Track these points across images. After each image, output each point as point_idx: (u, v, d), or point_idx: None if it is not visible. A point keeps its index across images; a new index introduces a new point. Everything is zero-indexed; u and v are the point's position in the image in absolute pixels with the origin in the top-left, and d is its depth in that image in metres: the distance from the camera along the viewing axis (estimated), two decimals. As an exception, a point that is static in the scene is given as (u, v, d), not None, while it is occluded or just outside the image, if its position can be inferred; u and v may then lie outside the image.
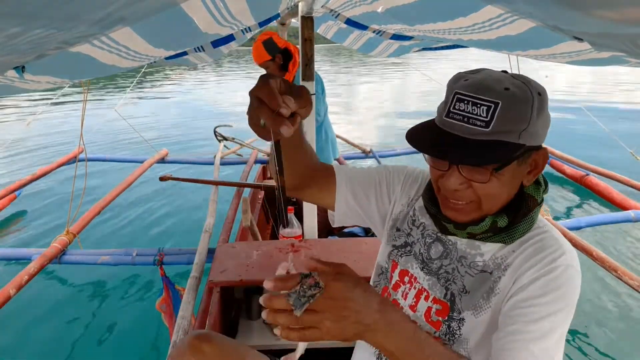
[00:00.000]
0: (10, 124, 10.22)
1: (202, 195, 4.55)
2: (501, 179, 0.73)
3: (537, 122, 0.71)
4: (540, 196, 0.80)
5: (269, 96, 0.59)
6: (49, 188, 5.03)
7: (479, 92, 0.70)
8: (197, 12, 1.01)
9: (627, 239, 3.53)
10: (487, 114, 0.69)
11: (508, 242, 0.79)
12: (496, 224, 0.77)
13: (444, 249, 0.86)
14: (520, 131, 0.70)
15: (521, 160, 0.74)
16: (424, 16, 1.20)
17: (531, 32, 0.93)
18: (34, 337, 2.50)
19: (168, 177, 2.78)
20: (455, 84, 0.74)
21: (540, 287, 0.72)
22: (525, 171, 0.77)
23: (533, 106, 0.70)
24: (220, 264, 1.74)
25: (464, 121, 0.71)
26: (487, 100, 0.69)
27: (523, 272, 0.75)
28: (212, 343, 1.07)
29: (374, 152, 4.63)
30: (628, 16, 0.44)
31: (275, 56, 2.62)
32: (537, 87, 0.73)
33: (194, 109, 12.18)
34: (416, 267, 0.90)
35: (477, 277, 0.81)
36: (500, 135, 0.69)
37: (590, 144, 6.34)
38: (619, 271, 2.09)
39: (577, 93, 12.18)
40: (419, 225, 0.92)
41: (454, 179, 0.74)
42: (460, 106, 0.71)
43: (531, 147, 0.73)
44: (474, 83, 0.71)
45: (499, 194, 0.75)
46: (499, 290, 0.78)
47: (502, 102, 0.68)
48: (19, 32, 0.33)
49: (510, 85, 0.70)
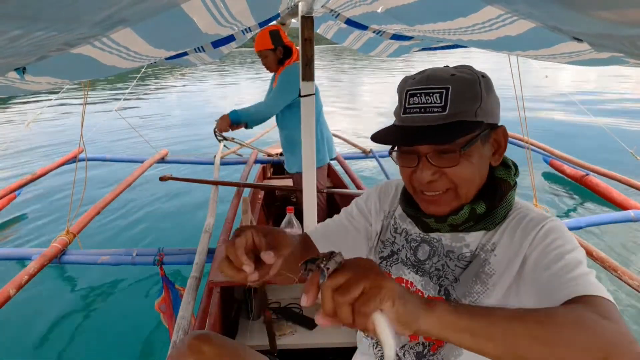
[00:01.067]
0: (11, 124, 10.22)
1: (202, 195, 4.55)
2: (470, 159, 0.76)
3: (488, 100, 0.77)
4: (512, 179, 0.82)
5: (234, 257, 0.64)
6: (49, 188, 5.04)
7: (429, 83, 0.75)
8: (198, 12, 1.01)
9: (627, 238, 3.53)
10: (441, 99, 0.74)
11: (490, 228, 0.80)
12: (475, 211, 0.79)
13: (431, 248, 0.87)
14: (475, 109, 0.75)
15: (484, 139, 0.78)
16: (424, 16, 1.20)
17: (531, 33, 0.93)
18: (34, 337, 2.50)
19: (168, 177, 2.78)
20: (405, 84, 0.79)
21: (545, 238, 0.74)
22: (490, 152, 0.80)
23: (480, 85, 0.76)
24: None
25: (422, 112, 0.75)
26: (438, 87, 0.74)
27: (519, 242, 0.76)
28: (212, 343, 1.07)
29: (374, 152, 4.64)
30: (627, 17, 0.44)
31: (277, 47, 2.62)
32: (479, 72, 0.79)
33: (194, 109, 12.19)
34: (409, 272, 0.90)
35: (467, 266, 0.82)
36: (458, 116, 0.74)
37: (590, 144, 6.34)
38: (619, 271, 2.09)
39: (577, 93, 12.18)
40: (401, 231, 0.93)
41: (425, 170, 0.77)
42: (414, 100, 0.76)
43: (490, 125, 0.78)
44: (422, 78, 0.77)
45: (472, 176, 0.78)
46: (493, 271, 0.78)
47: (452, 85, 0.74)
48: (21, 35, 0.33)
49: (455, 72, 0.76)
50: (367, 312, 0.50)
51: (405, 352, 0.88)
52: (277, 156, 4.16)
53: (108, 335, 2.50)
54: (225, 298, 1.80)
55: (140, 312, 2.66)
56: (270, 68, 2.70)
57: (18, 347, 2.43)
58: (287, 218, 1.89)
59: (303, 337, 1.73)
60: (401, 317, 0.52)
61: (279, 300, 1.94)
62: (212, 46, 1.69)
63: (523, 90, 2.82)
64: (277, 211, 3.66)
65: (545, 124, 8.03)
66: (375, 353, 0.93)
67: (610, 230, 3.59)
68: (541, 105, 9.89)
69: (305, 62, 1.89)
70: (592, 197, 4.13)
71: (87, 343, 2.46)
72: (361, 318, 0.51)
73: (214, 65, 32.44)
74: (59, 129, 9.00)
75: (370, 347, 0.95)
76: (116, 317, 2.67)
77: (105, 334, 2.52)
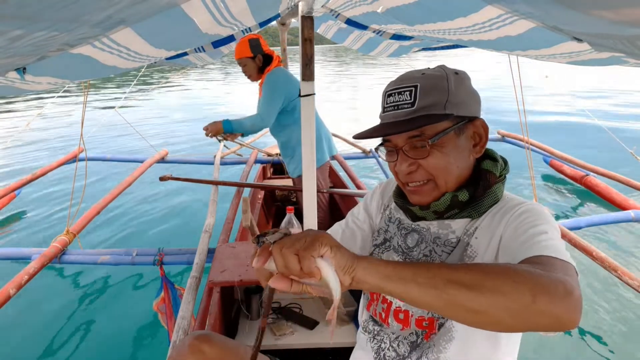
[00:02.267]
0: (11, 124, 10.22)
1: (202, 195, 4.55)
2: (441, 150, 0.81)
3: (458, 93, 0.81)
4: (498, 171, 0.86)
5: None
6: (49, 188, 5.04)
7: (402, 83, 0.83)
8: (198, 12, 1.01)
9: (627, 239, 3.53)
10: (410, 97, 0.81)
11: (475, 216, 0.84)
12: (457, 198, 0.83)
13: (419, 236, 0.91)
14: (444, 102, 0.80)
15: (459, 131, 0.82)
16: (424, 16, 1.20)
17: (531, 33, 0.93)
18: (34, 337, 2.51)
19: (168, 177, 2.78)
20: (386, 87, 0.87)
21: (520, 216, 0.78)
22: (469, 145, 0.85)
23: (449, 80, 0.81)
24: (220, 264, 1.74)
25: (395, 109, 0.83)
26: (408, 85, 0.82)
27: (497, 223, 0.80)
28: (212, 343, 1.07)
29: (374, 152, 4.63)
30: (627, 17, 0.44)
31: (257, 55, 2.63)
32: (453, 70, 0.85)
33: (194, 108, 12.19)
34: (398, 258, 0.93)
35: (452, 251, 0.85)
36: (425, 109, 0.80)
37: (591, 144, 6.34)
38: (619, 271, 2.09)
39: (577, 93, 12.18)
40: (394, 220, 0.98)
41: (403, 162, 0.84)
42: (390, 100, 0.84)
43: (463, 117, 0.82)
44: (397, 79, 0.85)
45: (446, 166, 0.82)
46: (475, 253, 0.82)
47: (420, 83, 0.81)
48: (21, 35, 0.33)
49: (426, 71, 0.83)
50: (309, 256, 0.59)
51: (399, 342, 0.90)
52: (277, 156, 4.16)
53: (108, 336, 2.50)
54: (225, 298, 1.80)
55: (140, 312, 2.66)
56: (251, 76, 2.72)
57: (18, 347, 2.43)
58: (287, 218, 1.89)
59: (303, 337, 1.73)
60: (340, 262, 0.60)
61: (279, 300, 1.94)
62: (212, 46, 1.69)
63: (523, 90, 2.82)
64: (277, 211, 3.66)
65: (545, 124, 8.04)
66: (372, 347, 0.94)
67: (610, 230, 3.59)
68: (541, 106, 9.89)
69: (305, 62, 1.89)
70: (592, 198, 4.13)
71: (86, 343, 2.46)
72: (306, 262, 0.59)
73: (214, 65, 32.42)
74: (59, 128, 9.00)
75: (368, 342, 0.96)
76: (116, 317, 2.67)
77: (105, 334, 2.52)
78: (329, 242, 0.61)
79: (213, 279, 1.63)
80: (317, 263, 0.60)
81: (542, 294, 0.55)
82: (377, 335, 0.94)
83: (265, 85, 2.59)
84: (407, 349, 0.88)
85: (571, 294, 0.56)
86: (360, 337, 1.00)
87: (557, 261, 0.64)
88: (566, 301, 0.56)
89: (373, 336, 0.95)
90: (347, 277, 0.60)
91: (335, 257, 0.60)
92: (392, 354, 0.90)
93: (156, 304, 2.12)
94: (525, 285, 0.56)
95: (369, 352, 0.95)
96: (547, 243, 0.69)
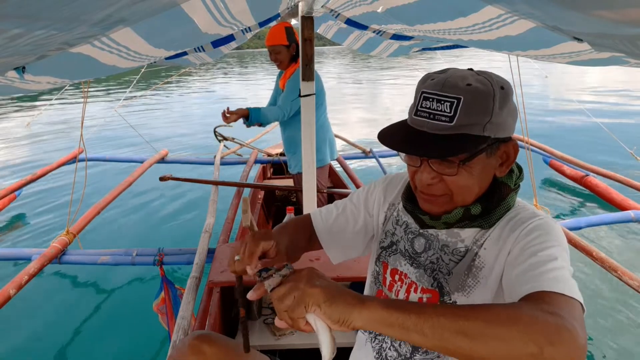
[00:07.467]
0: (11, 124, 10.22)
1: (202, 195, 4.55)
2: (470, 170, 0.77)
3: (500, 114, 0.75)
4: (513, 183, 0.83)
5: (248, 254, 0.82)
6: (49, 188, 5.04)
7: (443, 90, 0.74)
8: (198, 12, 1.01)
9: (627, 239, 3.53)
10: (450, 110, 0.73)
11: (485, 227, 0.82)
12: (469, 211, 0.80)
13: (427, 241, 0.89)
14: (484, 124, 0.74)
15: (490, 152, 0.77)
16: (424, 16, 1.20)
17: (531, 33, 0.93)
18: (34, 337, 2.50)
19: (168, 177, 2.78)
20: (423, 84, 0.78)
21: (530, 234, 0.75)
22: (496, 164, 0.80)
23: (495, 99, 0.74)
24: (220, 264, 1.74)
25: (430, 118, 0.75)
26: (450, 96, 0.73)
27: (506, 236, 0.78)
28: (212, 343, 1.07)
29: (374, 152, 4.63)
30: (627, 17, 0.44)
31: (291, 44, 2.61)
32: (499, 82, 0.76)
33: (194, 108, 12.19)
34: (405, 263, 0.92)
35: (460, 260, 0.83)
36: (464, 128, 0.73)
37: (591, 144, 6.33)
38: (619, 271, 2.09)
39: (577, 93, 12.18)
40: (402, 223, 0.95)
41: (426, 173, 0.79)
42: (426, 104, 0.75)
43: (498, 139, 0.77)
44: (439, 82, 0.75)
45: (469, 186, 0.78)
46: (482, 264, 0.80)
47: (464, 97, 0.72)
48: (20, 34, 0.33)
49: (473, 81, 0.74)
50: (296, 317, 0.62)
51: (401, 342, 0.89)
52: (277, 156, 4.16)
53: (108, 336, 2.50)
54: (225, 298, 1.80)
55: (140, 313, 2.66)
56: (281, 64, 2.68)
57: (18, 347, 2.43)
58: (287, 218, 1.89)
59: (303, 337, 1.72)
60: (332, 317, 0.61)
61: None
62: (212, 46, 1.69)
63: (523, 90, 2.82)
64: (277, 211, 3.66)
65: (545, 124, 8.03)
66: (373, 347, 0.94)
67: (610, 230, 3.59)
68: (541, 105, 9.89)
69: (305, 62, 1.89)
70: (591, 198, 4.13)
71: (86, 343, 2.46)
72: (295, 322, 0.63)
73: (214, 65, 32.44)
74: (59, 128, 9.00)
75: (368, 342, 0.96)
76: (116, 318, 2.67)
77: (105, 334, 2.52)
78: (317, 299, 0.61)
79: (213, 279, 1.63)
80: (307, 319, 0.63)
81: (549, 345, 0.54)
82: (379, 335, 0.94)
83: (292, 82, 2.57)
84: (409, 348, 0.88)
85: (577, 341, 0.56)
86: (359, 337, 1.00)
87: (564, 300, 0.63)
88: (572, 350, 0.55)
89: (374, 336, 0.95)
90: (343, 328, 0.61)
91: (326, 313, 0.61)
92: (393, 354, 0.90)
93: (156, 304, 2.12)
94: (531, 336, 0.55)
95: (370, 352, 0.94)
96: (555, 274, 0.67)
